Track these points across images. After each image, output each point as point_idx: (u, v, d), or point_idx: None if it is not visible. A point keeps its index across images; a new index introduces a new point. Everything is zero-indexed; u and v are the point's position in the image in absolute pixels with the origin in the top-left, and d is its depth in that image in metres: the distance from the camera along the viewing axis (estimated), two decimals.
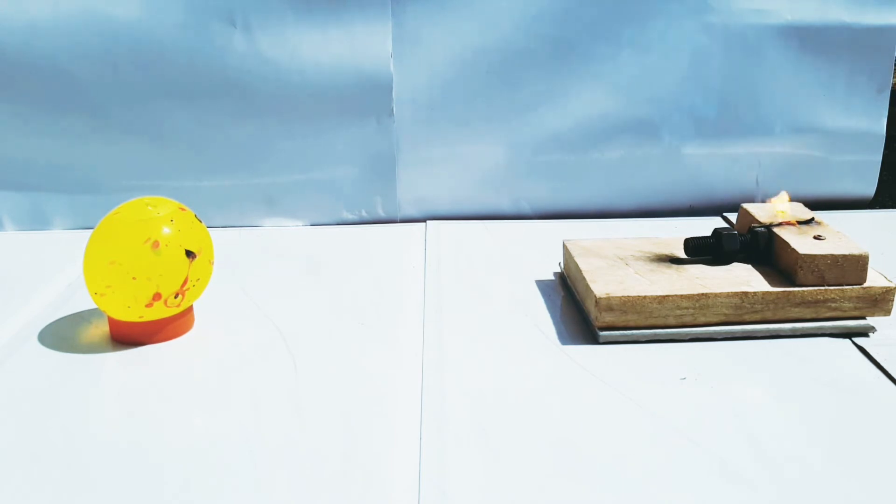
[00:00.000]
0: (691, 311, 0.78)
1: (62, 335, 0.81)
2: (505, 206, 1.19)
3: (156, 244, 0.74)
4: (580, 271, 0.83)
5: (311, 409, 0.67)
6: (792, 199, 0.90)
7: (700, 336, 0.78)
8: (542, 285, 0.92)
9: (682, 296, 0.77)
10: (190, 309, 0.81)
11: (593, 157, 1.17)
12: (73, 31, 1.07)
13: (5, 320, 0.84)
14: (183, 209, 0.79)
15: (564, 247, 0.91)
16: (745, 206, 0.90)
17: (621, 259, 0.85)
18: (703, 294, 0.77)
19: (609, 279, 0.80)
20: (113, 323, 0.79)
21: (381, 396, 0.69)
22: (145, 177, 1.13)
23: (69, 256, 0.99)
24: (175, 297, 0.76)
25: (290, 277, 0.96)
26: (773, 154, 1.19)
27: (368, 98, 1.12)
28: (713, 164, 1.18)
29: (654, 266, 0.84)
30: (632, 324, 0.78)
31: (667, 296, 0.77)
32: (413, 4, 1.10)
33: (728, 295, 0.78)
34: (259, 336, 0.80)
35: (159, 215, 0.76)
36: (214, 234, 0.82)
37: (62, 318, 0.84)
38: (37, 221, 1.13)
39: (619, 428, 0.64)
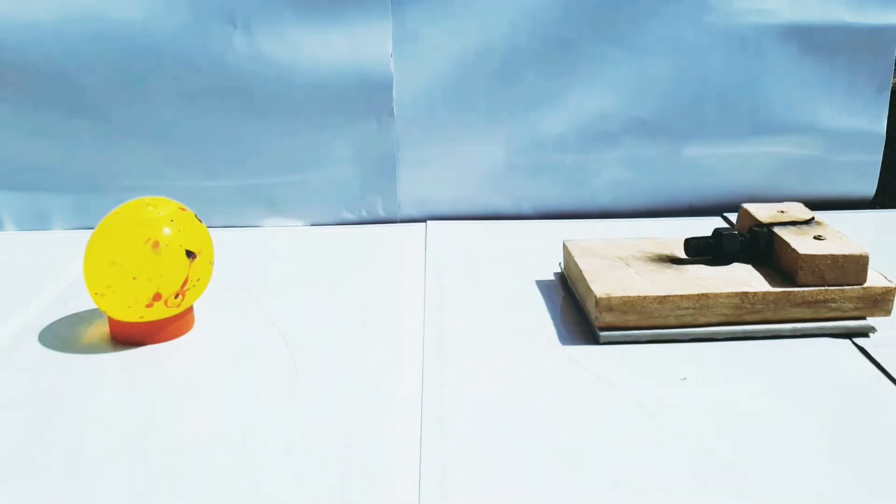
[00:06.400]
0: (691, 311, 0.78)
1: (62, 335, 0.80)
2: (505, 206, 1.18)
3: (156, 244, 0.74)
4: (581, 271, 0.83)
5: (311, 409, 0.67)
6: (792, 199, 0.89)
7: (700, 336, 0.78)
8: (542, 285, 0.92)
9: (682, 296, 0.77)
10: (190, 309, 0.81)
11: (593, 157, 1.17)
12: (74, 32, 1.06)
13: (5, 320, 0.84)
14: (183, 209, 0.78)
15: (565, 247, 0.91)
16: (746, 206, 0.90)
17: (621, 259, 0.85)
18: (703, 294, 0.77)
19: (609, 279, 0.80)
20: (113, 323, 0.79)
21: (381, 396, 0.69)
22: (145, 177, 1.13)
23: (69, 256, 0.98)
24: (175, 298, 0.76)
25: (290, 277, 0.96)
26: (773, 154, 1.19)
27: (369, 98, 1.12)
28: (713, 164, 1.18)
29: (655, 266, 0.84)
30: (632, 324, 0.78)
31: (667, 296, 0.77)
32: (413, 4, 1.10)
33: (728, 295, 0.78)
34: (259, 336, 0.80)
35: (160, 215, 0.76)
36: (215, 234, 0.82)
37: (62, 318, 0.84)
38: (37, 221, 1.13)
39: (619, 428, 0.64)
